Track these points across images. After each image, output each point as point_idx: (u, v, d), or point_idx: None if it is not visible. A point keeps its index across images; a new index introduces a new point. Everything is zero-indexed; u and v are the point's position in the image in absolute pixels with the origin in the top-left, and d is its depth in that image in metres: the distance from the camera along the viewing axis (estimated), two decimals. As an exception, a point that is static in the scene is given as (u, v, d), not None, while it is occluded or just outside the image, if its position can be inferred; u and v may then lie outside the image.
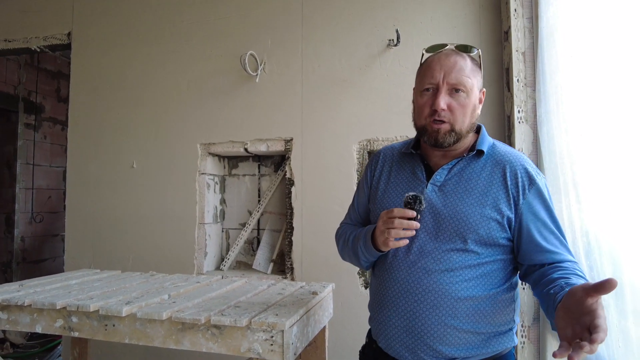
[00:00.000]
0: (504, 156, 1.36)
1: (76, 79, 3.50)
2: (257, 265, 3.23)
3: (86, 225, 3.38)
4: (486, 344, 1.30)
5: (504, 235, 1.29)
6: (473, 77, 1.33)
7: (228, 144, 3.13)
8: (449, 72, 1.31)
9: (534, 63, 2.31)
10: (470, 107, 1.33)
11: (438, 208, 1.33)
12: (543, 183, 1.32)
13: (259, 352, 1.53)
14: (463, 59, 1.34)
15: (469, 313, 1.28)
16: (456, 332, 1.28)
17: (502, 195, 1.29)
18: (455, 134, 1.32)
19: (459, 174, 1.36)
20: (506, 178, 1.31)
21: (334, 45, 2.94)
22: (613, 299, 1.34)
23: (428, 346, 1.29)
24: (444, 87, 1.31)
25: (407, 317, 1.32)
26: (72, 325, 1.76)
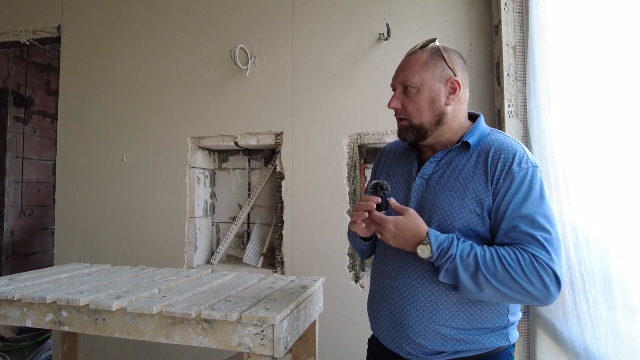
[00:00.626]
0: (493, 142, 1.33)
1: (66, 72, 3.46)
2: (248, 259, 3.21)
3: (76, 219, 3.34)
4: (473, 340, 1.28)
5: (486, 228, 1.27)
6: (424, 71, 1.35)
7: (218, 138, 3.10)
8: (399, 72, 1.40)
9: (525, 57, 2.30)
10: (425, 101, 1.35)
11: (422, 201, 1.36)
12: (529, 171, 1.25)
13: (249, 346, 1.52)
14: (416, 56, 1.39)
15: (450, 309, 1.29)
16: (438, 327, 1.29)
17: (482, 183, 1.27)
18: (414, 129, 1.38)
19: (445, 166, 1.37)
20: (487, 163, 1.29)
21: (325, 39, 2.92)
22: (602, 293, 1.34)
23: (411, 340, 1.32)
24: (398, 87, 1.41)
25: (392, 312, 1.36)
26: (62, 319, 1.75)
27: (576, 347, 1.55)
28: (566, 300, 1.64)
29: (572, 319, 1.59)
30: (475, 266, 1.19)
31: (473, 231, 1.27)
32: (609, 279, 1.29)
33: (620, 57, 1.28)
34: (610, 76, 1.34)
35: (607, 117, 1.35)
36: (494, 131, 1.41)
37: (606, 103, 1.35)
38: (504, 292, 1.18)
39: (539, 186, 1.25)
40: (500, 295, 1.20)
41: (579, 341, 1.53)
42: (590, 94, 1.48)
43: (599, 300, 1.36)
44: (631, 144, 1.19)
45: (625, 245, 1.22)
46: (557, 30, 1.82)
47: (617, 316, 1.24)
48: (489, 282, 1.18)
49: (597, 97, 1.42)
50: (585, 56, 1.52)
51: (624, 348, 1.21)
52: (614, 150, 1.29)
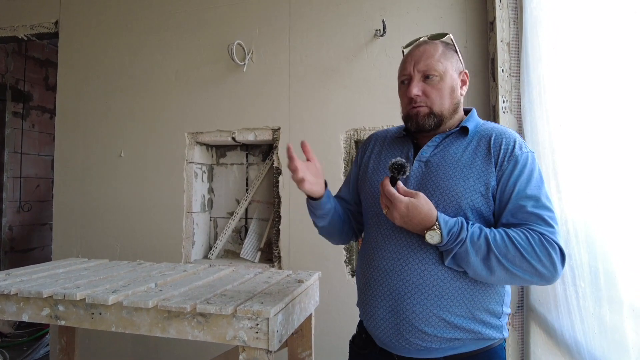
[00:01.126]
0: (492, 129, 1.39)
1: (64, 67, 3.47)
2: (245, 254, 3.23)
3: (74, 214, 3.36)
4: (473, 329, 1.28)
5: (489, 209, 1.29)
6: (445, 60, 1.39)
7: (216, 133, 3.12)
8: (419, 60, 1.39)
9: (519, 53, 2.32)
10: (447, 89, 1.39)
11: (423, 183, 1.36)
12: (529, 155, 1.31)
13: (244, 339, 1.54)
14: (433, 46, 1.41)
15: (455, 295, 1.28)
16: (442, 313, 1.27)
17: (485, 165, 1.31)
18: (435, 116, 1.38)
19: (444, 150, 1.39)
20: (490, 147, 1.33)
21: (321, 35, 2.94)
22: (589, 287, 1.37)
23: (414, 327, 1.28)
24: (416, 75, 1.39)
25: (392, 298, 1.32)
26: (59, 313, 1.76)
27: (567, 340, 1.57)
28: (557, 294, 1.66)
29: (563, 312, 1.61)
30: (487, 248, 1.20)
31: (477, 211, 1.29)
32: (595, 272, 1.32)
33: (610, 54, 1.29)
34: (599, 72, 1.36)
35: (596, 113, 1.37)
36: (488, 122, 1.47)
37: (595, 99, 1.37)
38: (514, 272, 1.20)
39: (538, 170, 1.31)
40: (510, 277, 1.22)
41: (569, 334, 1.55)
42: (579, 90, 1.50)
43: (587, 293, 1.38)
44: (619, 140, 1.21)
45: (611, 239, 1.24)
46: (549, 27, 1.84)
47: (603, 309, 1.26)
48: (500, 263, 1.19)
49: (586, 93, 1.44)
50: (575, 53, 1.54)
51: (609, 340, 1.23)
52: (602, 146, 1.31)
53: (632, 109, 1.15)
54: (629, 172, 1.15)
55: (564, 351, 1.61)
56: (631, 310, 1.10)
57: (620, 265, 1.18)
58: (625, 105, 1.19)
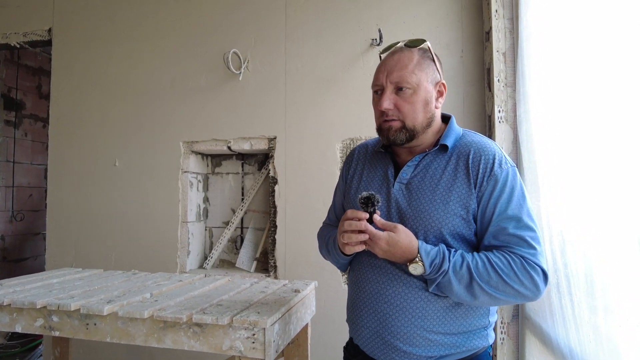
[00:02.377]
0: (470, 145, 1.35)
1: (57, 75, 3.48)
2: (241, 263, 3.24)
3: (68, 224, 3.37)
4: (458, 344, 1.31)
5: (471, 231, 1.30)
6: (419, 71, 1.33)
7: (211, 142, 3.14)
8: (392, 71, 1.33)
9: (515, 63, 2.35)
10: (420, 102, 1.33)
11: (403, 207, 1.35)
12: (509, 171, 1.29)
13: (240, 350, 1.55)
14: (408, 55, 1.35)
15: (438, 315, 1.30)
16: (425, 333, 1.29)
17: (465, 187, 1.29)
18: (407, 130, 1.34)
19: (424, 170, 1.36)
20: (468, 166, 1.31)
21: (318, 44, 2.96)
22: (585, 296, 1.39)
23: (398, 348, 1.31)
24: (388, 87, 1.34)
25: (377, 319, 1.35)
26: (53, 324, 1.76)
27: (562, 348, 1.59)
28: (553, 303, 1.68)
29: (558, 321, 1.63)
30: (469, 277, 1.21)
31: (459, 235, 1.29)
32: (591, 282, 1.34)
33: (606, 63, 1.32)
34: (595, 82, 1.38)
35: (592, 122, 1.39)
36: (468, 132, 1.44)
37: (592, 108, 1.40)
38: (497, 296, 1.22)
39: (519, 185, 1.30)
40: (493, 300, 1.24)
41: (564, 342, 1.57)
42: (576, 100, 1.52)
43: (582, 302, 1.40)
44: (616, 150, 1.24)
45: (606, 249, 1.26)
46: (544, 38, 1.87)
47: (598, 317, 1.28)
48: (483, 290, 1.21)
49: (582, 102, 1.47)
50: (571, 62, 1.57)
51: (604, 348, 1.25)
52: (598, 155, 1.34)
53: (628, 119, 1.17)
54: (625, 182, 1.17)
55: (559, 359, 1.63)
56: (625, 319, 1.13)
57: (615, 275, 1.20)
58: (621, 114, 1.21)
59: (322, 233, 1.67)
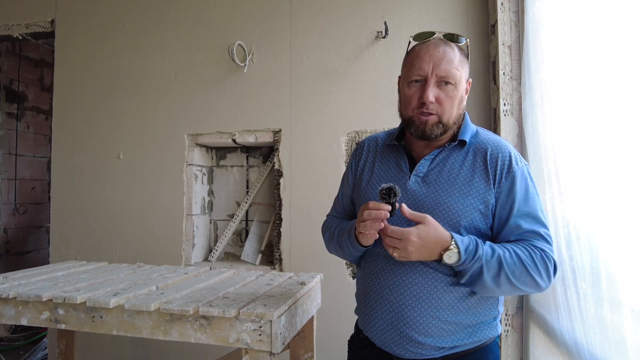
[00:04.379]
0: (487, 142, 1.38)
1: (60, 68, 3.49)
2: (246, 256, 3.26)
3: (72, 217, 3.39)
4: (470, 334, 1.33)
5: (487, 226, 1.32)
6: (461, 68, 1.33)
7: (216, 135, 3.15)
8: (438, 63, 1.31)
9: (520, 56, 2.36)
10: (458, 98, 1.34)
11: (421, 199, 1.35)
12: (524, 169, 1.34)
13: (247, 342, 1.56)
14: (452, 50, 1.34)
15: (453, 304, 1.31)
16: (440, 323, 1.31)
17: (484, 183, 1.32)
18: (443, 126, 1.34)
19: (441, 164, 1.38)
20: (487, 162, 1.33)
21: (323, 36, 2.97)
22: (590, 288, 1.40)
23: (413, 339, 1.32)
24: (433, 79, 1.31)
25: (392, 310, 1.35)
26: (59, 317, 1.77)
27: (566, 340, 1.61)
28: (558, 295, 1.69)
29: (563, 313, 1.65)
30: (498, 267, 1.23)
31: (476, 228, 1.31)
32: (597, 273, 1.35)
33: (612, 56, 1.32)
34: (601, 75, 1.38)
35: (598, 116, 1.39)
36: (482, 130, 1.46)
37: (597, 102, 1.40)
38: (517, 286, 1.25)
39: (532, 183, 1.34)
40: (512, 290, 1.28)
41: (569, 334, 1.59)
42: (582, 93, 1.52)
43: (588, 294, 1.41)
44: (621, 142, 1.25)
45: (612, 241, 1.28)
46: (551, 30, 1.87)
47: (604, 309, 1.30)
48: (508, 279, 1.23)
49: (588, 96, 1.47)
50: (578, 56, 1.57)
51: (610, 340, 1.27)
52: (604, 148, 1.34)
53: (634, 111, 1.18)
54: (631, 174, 1.18)
55: (564, 351, 1.64)
56: (630, 311, 1.14)
57: (621, 267, 1.21)
58: (627, 108, 1.22)
59: (329, 225, 1.65)
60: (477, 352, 1.36)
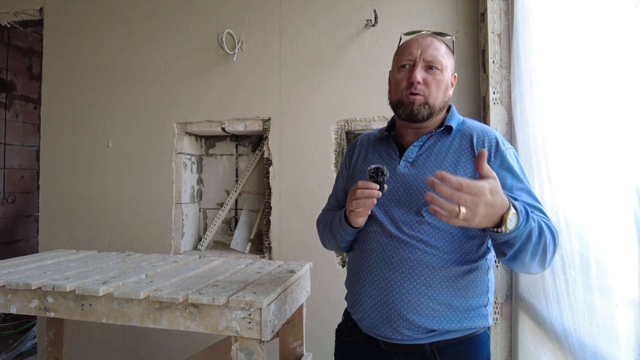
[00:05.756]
0: (472, 128, 1.44)
1: (49, 56, 3.43)
2: (235, 245, 3.24)
3: (61, 206, 3.34)
4: (460, 319, 1.33)
5: None
6: (447, 58, 1.42)
7: (205, 124, 3.11)
8: (426, 49, 1.40)
9: (510, 45, 2.34)
10: (444, 84, 1.41)
11: (410, 181, 1.39)
12: (511, 151, 1.38)
13: (237, 330, 1.55)
14: (438, 42, 1.44)
15: (443, 284, 1.32)
16: (430, 302, 1.31)
17: (471, 164, 1.35)
18: (429, 107, 1.39)
19: (429, 149, 1.43)
20: (473, 145, 1.38)
21: (313, 25, 2.93)
22: (580, 275, 1.39)
23: (401, 316, 1.32)
24: (421, 62, 1.39)
25: (382, 287, 1.36)
26: (48, 305, 1.76)
27: (555, 328, 1.61)
28: (547, 283, 1.69)
29: (552, 301, 1.65)
30: (539, 231, 1.15)
31: None
32: (587, 261, 1.34)
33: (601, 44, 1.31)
34: (590, 64, 1.38)
35: (587, 103, 1.39)
36: (468, 119, 1.51)
37: (587, 90, 1.39)
38: (543, 257, 1.19)
39: (520, 165, 1.38)
40: (539, 261, 1.21)
41: (558, 322, 1.59)
42: (571, 82, 1.52)
43: (577, 282, 1.41)
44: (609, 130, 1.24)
45: (601, 228, 1.27)
46: (540, 19, 1.86)
47: (593, 297, 1.29)
48: (545, 248, 1.17)
49: (578, 84, 1.47)
50: (567, 44, 1.56)
51: (599, 327, 1.26)
52: (593, 136, 1.34)
53: (622, 99, 1.17)
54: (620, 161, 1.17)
55: (553, 339, 1.64)
56: (621, 298, 1.13)
57: (611, 254, 1.20)
58: (616, 96, 1.21)
59: (322, 217, 1.69)
60: (466, 341, 1.36)
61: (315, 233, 1.74)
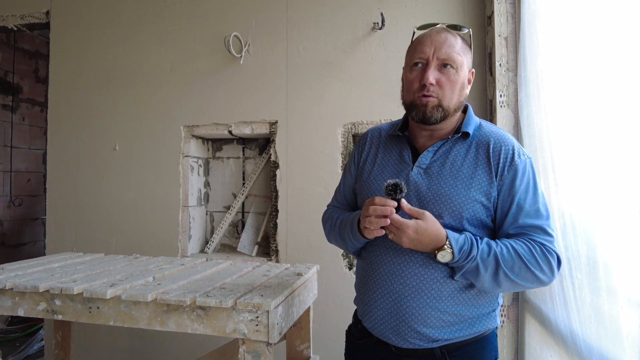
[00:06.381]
0: (489, 135, 1.38)
1: (55, 59, 3.46)
2: (242, 247, 3.26)
3: (68, 209, 3.37)
4: (469, 326, 1.34)
5: (489, 218, 1.32)
6: (463, 54, 1.35)
7: (212, 127, 3.13)
8: (439, 47, 1.33)
9: (516, 48, 2.35)
10: (459, 84, 1.35)
11: (423, 191, 1.35)
12: (527, 162, 1.33)
13: (244, 332, 1.56)
14: (454, 37, 1.36)
15: (453, 296, 1.32)
16: (440, 314, 1.31)
17: (486, 175, 1.32)
18: (443, 110, 1.34)
19: (444, 156, 1.37)
20: (489, 155, 1.33)
21: (319, 27, 2.95)
22: (586, 278, 1.41)
23: (412, 328, 1.32)
24: (434, 62, 1.33)
25: (392, 299, 1.35)
26: (56, 308, 1.77)
27: (562, 330, 1.62)
28: (553, 286, 1.70)
29: (558, 303, 1.66)
30: (495, 265, 1.23)
31: (479, 220, 1.31)
32: (594, 263, 1.35)
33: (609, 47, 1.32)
34: (598, 67, 1.39)
35: (594, 106, 1.40)
36: (485, 123, 1.46)
37: (594, 93, 1.40)
38: (518, 282, 1.26)
39: (534, 175, 1.34)
40: (513, 286, 1.29)
41: (564, 324, 1.60)
42: (578, 85, 1.53)
43: (584, 284, 1.42)
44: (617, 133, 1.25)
45: (608, 230, 1.28)
46: (547, 22, 1.87)
47: (600, 299, 1.30)
48: (507, 277, 1.24)
49: (585, 87, 1.47)
50: (574, 47, 1.57)
51: (606, 329, 1.27)
52: (600, 138, 1.35)
53: (630, 102, 1.18)
54: (627, 164, 1.18)
55: (559, 341, 1.65)
56: (627, 300, 1.14)
57: (617, 256, 1.22)
58: (623, 99, 1.22)
59: (330, 215, 1.64)
60: (475, 342, 1.37)
61: (322, 236, 1.74)
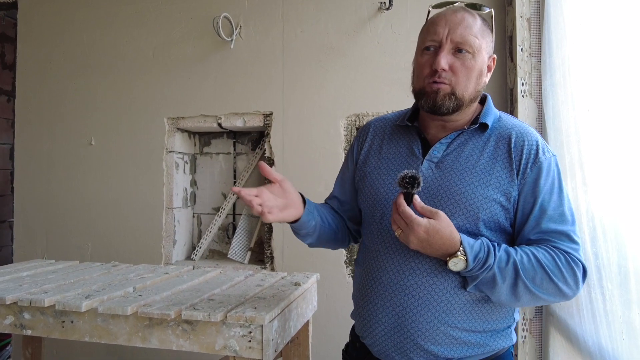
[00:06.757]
0: (511, 128, 1.35)
1: (24, 43, 3.46)
2: (233, 254, 3.26)
3: (38, 210, 3.37)
4: (482, 343, 1.31)
5: (508, 221, 1.30)
6: (482, 37, 1.30)
7: (199, 119, 3.13)
8: (454, 28, 1.28)
9: (540, 31, 2.35)
10: (476, 71, 1.31)
11: (434, 188, 1.32)
12: (552, 160, 1.30)
13: (235, 349, 1.56)
14: (472, 17, 1.31)
15: (464, 309, 1.29)
16: (450, 330, 1.28)
17: (506, 173, 1.28)
18: (456, 99, 1.30)
19: (458, 149, 1.34)
20: (511, 150, 1.30)
21: (320, 8, 2.95)
22: (618, 289, 1.41)
23: (419, 346, 1.29)
24: (447, 45, 1.28)
25: (396, 314, 1.32)
26: (24, 322, 1.77)
27: (590, 346, 1.62)
28: (581, 297, 1.70)
29: (586, 317, 1.66)
30: (514, 275, 1.20)
31: (496, 223, 1.28)
32: (625, 272, 1.35)
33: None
34: (632, 52, 1.38)
35: (627, 97, 1.39)
36: (505, 115, 1.43)
37: (627, 82, 1.40)
38: (539, 295, 1.22)
39: (559, 175, 1.31)
40: (534, 300, 1.25)
41: (592, 340, 1.60)
42: (609, 72, 1.52)
43: (615, 295, 1.42)
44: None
45: (642, 236, 1.28)
46: (574, 1, 1.86)
47: (632, 312, 1.30)
48: (527, 288, 1.21)
49: (617, 75, 1.47)
50: (605, 30, 1.56)
51: (639, 346, 1.28)
52: (634, 133, 1.34)
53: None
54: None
55: (587, 358, 1.65)
56: (662, 314, 1.15)
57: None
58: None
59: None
60: None
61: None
